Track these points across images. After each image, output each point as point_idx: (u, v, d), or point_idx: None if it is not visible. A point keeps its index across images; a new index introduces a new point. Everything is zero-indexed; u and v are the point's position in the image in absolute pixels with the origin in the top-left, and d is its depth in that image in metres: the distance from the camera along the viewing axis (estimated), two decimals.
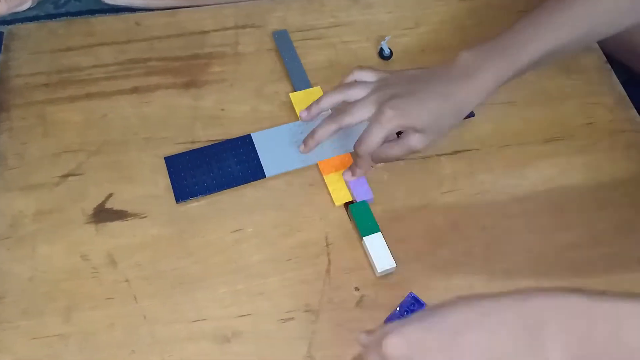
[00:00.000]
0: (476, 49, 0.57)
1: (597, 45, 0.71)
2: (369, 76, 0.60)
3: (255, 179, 0.61)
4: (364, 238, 0.57)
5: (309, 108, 0.60)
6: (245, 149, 0.63)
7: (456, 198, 0.61)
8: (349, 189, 0.60)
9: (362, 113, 0.56)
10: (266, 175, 0.61)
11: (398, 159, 0.59)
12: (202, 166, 0.61)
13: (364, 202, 0.59)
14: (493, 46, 0.57)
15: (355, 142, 0.57)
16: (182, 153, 0.62)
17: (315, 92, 0.67)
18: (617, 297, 0.37)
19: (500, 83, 0.57)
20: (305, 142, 0.60)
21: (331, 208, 0.60)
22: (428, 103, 0.55)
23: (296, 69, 0.69)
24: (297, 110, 0.65)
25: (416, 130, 0.55)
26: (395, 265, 0.56)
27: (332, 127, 0.58)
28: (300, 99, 0.66)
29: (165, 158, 0.62)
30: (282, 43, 0.71)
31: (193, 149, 0.63)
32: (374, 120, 0.55)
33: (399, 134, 0.58)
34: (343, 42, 0.72)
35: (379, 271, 0.56)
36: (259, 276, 0.56)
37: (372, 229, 0.57)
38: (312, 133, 0.59)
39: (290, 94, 0.67)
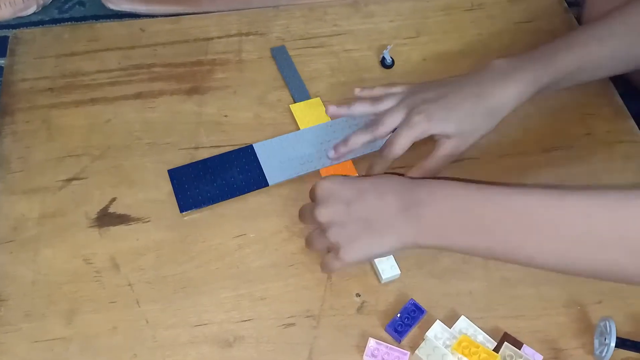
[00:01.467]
0: (510, 57, 0.56)
1: None
2: (398, 89, 0.59)
3: (258, 188, 0.61)
4: None
5: (339, 107, 0.60)
6: (247, 159, 0.63)
7: None
8: None
9: (393, 120, 0.56)
10: (269, 184, 0.61)
11: (438, 170, 0.57)
12: (206, 177, 0.62)
13: None
14: (527, 54, 0.56)
15: (382, 145, 0.57)
16: (185, 165, 0.62)
17: (315, 103, 0.67)
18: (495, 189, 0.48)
19: (538, 87, 0.55)
20: (335, 148, 0.59)
21: None
22: (460, 105, 0.54)
23: (295, 82, 0.69)
24: (298, 122, 0.66)
25: (448, 136, 0.54)
26: (399, 272, 0.56)
27: (365, 137, 0.58)
28: (300, 109, 0.67)
29: (168, 171, 0.62)
30: (281, 59, 0.71)
31: (196, 159, 0.63)
32: (402, 124, 0.55)
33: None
34: (345, 51, 0.73)
35: (383, 279, 0.56)
36: (260, 281, 0.57)
37: None
38: (345, 140, 0.59)
39: (290, 106, 0.67)
